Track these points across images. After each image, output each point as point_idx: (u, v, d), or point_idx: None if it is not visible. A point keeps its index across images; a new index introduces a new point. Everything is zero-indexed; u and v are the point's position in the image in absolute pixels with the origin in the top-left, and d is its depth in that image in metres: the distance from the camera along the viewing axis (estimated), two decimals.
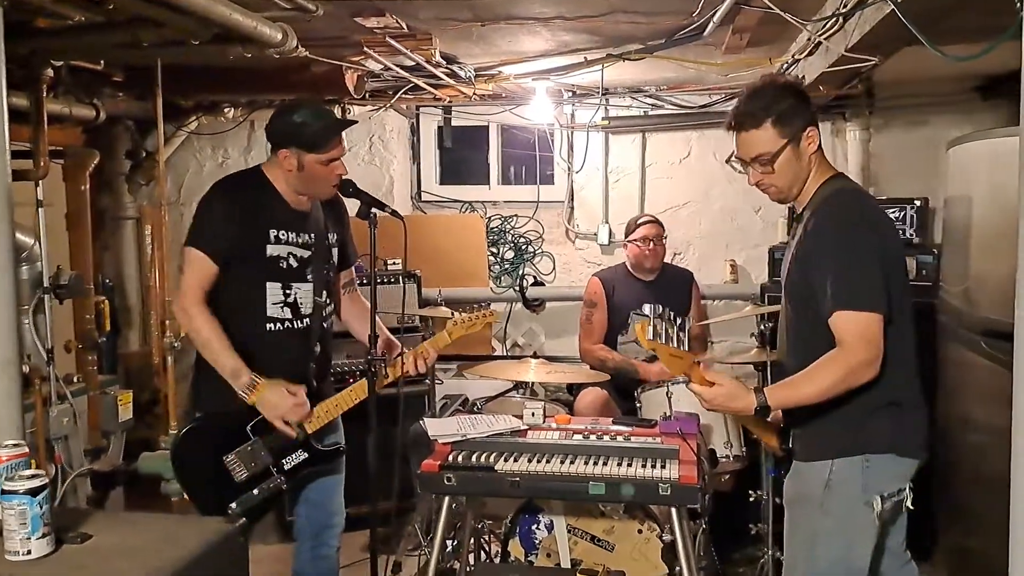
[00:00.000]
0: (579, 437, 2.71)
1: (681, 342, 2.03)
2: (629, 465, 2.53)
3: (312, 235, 2.53)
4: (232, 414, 2.39)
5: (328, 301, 2.60)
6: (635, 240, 3.94)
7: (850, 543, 2.08)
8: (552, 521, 2.97)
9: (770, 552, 3.16)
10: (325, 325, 2.60)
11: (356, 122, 2.64)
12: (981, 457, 2.50)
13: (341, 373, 4.07)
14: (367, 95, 4.44)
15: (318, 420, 2.50)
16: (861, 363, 1.95)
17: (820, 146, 2.11)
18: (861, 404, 2.02)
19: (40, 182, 3.28)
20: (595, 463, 2.55)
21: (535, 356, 3.28)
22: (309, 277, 2.53)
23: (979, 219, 2.46)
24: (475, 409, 3.42)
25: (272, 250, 2.44)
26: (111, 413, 3.47)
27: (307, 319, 2.53)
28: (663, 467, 2.51)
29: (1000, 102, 4.02)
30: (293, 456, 2.47)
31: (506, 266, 4.98)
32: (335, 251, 2.65)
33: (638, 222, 4.01)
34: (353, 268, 2.81)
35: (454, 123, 5.06)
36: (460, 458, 2.63)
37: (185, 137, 5.05)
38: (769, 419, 2.15)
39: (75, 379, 3.38)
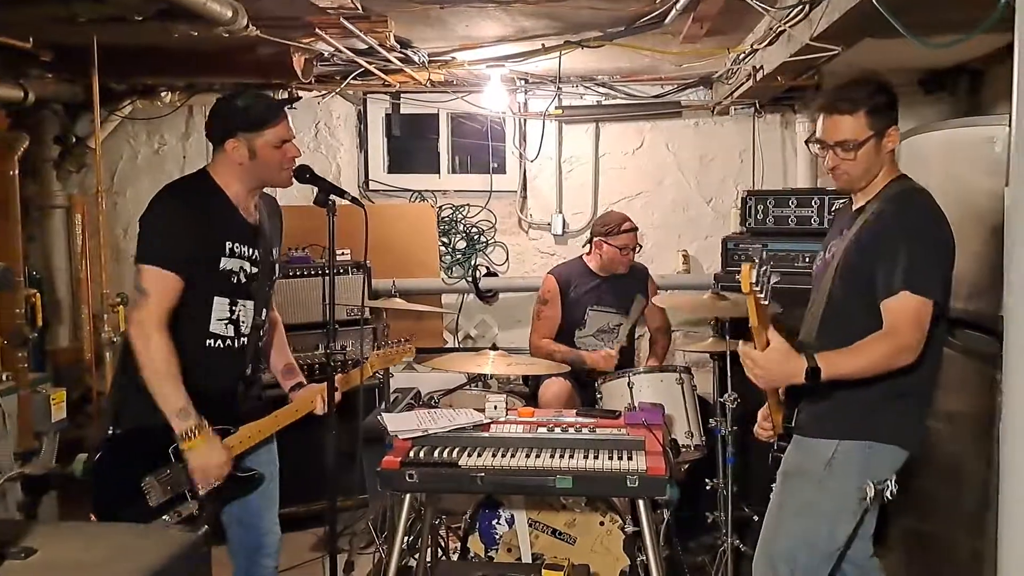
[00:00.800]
0: (543, 430, 2.66)
1: (769, 298, 1.99)
2: (596, 457, 2.50)
3: (260, 251, 2.39)
4: (154, 432, 2.23)
5: (265, 321, 2.47)
6: (616, 246, 3.84)
7: (835, 522, 2.17)
8: (513, 515, 2.92)
9: (729, 540, 3.17)
10: (258, 345, 2.47)
11: (300, 98, 2.49)
12: (936, 443, 2.55)
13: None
14: (314, 80, 4.30)
15: (240, 445, 2.36)
16: (908, 346, 2.01)
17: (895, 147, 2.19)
18: (876, 390, 2.08)
19: None
20: (561, 456, 2.51)
21: (494, 348, 3.21)
22: (253, 295, 2.39)
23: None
24: (432, 403, 3.35)
25: (226, 263, 2.29)
26: (43, 413, 3.27)
27: (245, 338, 2.39)
28: (630, 459, 2.48)
29: (942, 95, 4.11)
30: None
31: (458, 256, 4.90)
32: (278, 267, 2.52)
33: (622, 227, 3.85)
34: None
35: (403, 111, 4.94)
36: (422, 454, 2.55)
37: (119, 122, 4.82)
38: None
39: (3, 377, 3.17)
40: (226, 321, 2.32)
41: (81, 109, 4.69)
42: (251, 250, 2.35)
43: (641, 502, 2.45)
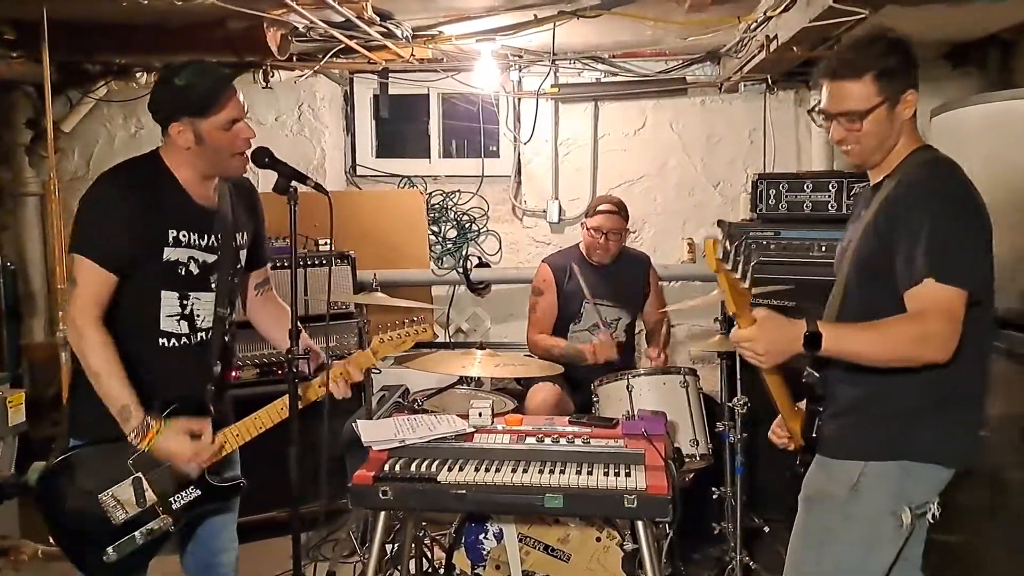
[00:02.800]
0: (532, 440, 2.41)
1: (745, 277, 1.75)
2: (590, 473, 2.25)
3: (218, 236, 2.16)
4: (112, 443, 2.02)
5: (231, 312, 2.25)
6: (589, 227, 3.59)
7: (868, 553, 1.89)
8: (501, 530, 2.69)
9: (738, 556, 2.92)
10: (226, 339, 2.25)
11: (247, 70, 2.21)
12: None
13: (268, 364, 3.72)
14: (294, 57, 4.03)
15: (236, 439, 2.15)
16: (935, 334, 1.72)
17: (915, 113, 1.89)
18: (910, 398, 1.82)
19: None
20: (551, 471, 2.26)
21: (481, 347, 2.95)
22: (212, 286, 2.16)
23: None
24: (416, 406, 3.09)
25: (170, 254, 2.07)
26: None
27: (205, 333, 2.17)
28: (628, 475, 2.23)
29: (970, 69, 3.83)
30: (184, 494, 2.10)
31: (448, 246, 4.64)
32: (243, 253, 2.28)
33: (598, 207, 3.59)
34: (268, 266, 2.45)
35: (391, 91, 4.65)
36: (398, 467, 2.32)
37: (93, 104, 4.58)
38: (798, 406, 2.00)
39: None
40: (177, 317, 2.11)
41: (55, 91, 4.44)
42: (206, 238, 2.12)
43: (641, 523, 2.21)
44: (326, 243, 4.03)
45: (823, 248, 3.54)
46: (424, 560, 3.14)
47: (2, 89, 4.27)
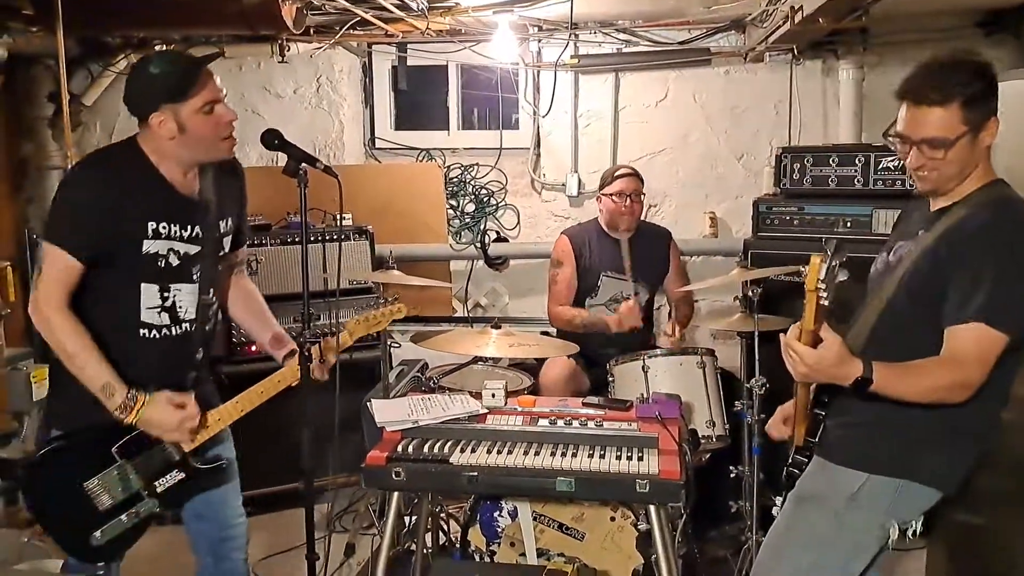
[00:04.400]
0: (545, 423, 2.41)
1: (830, 294, 1.70)
2: (602, 456, 2.25)
3: (201, 227, 2.13)
4: (95, 432, 2.04)
5: (214, 299, 2.23)
6: (610, 194, 3.56)
7: (851, 559, 1.93)
8: (516, 508, 2.69)
9: (754, 536, 2.90)
10: (207, 328, 2.24)
11: (220, 54, 2.18)
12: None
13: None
14: (311, 30, 3.99)
15: (218, 424, 2.16)
16: (970, 383, 1.75)
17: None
18: (925, 422, 1.82)
19: None
20: (563, 454, 2.26)
21: (496, 326, 2.92)
22: (195, 276, 2.15)
23: (1010, 170, 2.13)
24: (432, 384, 3.10)
25: (149, 246, 2.04)
26: (23, 391, 3.08)
27: (189, 324, 2.16)
28: (640, 459, 2.22)
29: (1005, 37, 3.69)
30: (168, 477, 2.12)
31: (466, 220, 4.60)
32: (227, 240, 2.26)
33: (615, 174, 3.62)
34: (244, 248, 2.41)
35: (410, 63, 4.62)
36: (411, 448, 2.32)
37: (114, 78, 4.56)
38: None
39: None
40: (158, 309, 2.10)
41: (75, 65, 4.46)
42: (188, 228, 2.10)
43: (653, 507, 2.20)
44: (345, 218, 4.02)
45: (848, 224, 3.46)
46: (441, 533, 3.16)
47: (23, 63, 4.27)
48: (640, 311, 3.37)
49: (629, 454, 2.25)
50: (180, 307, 2.12)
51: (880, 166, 3.41)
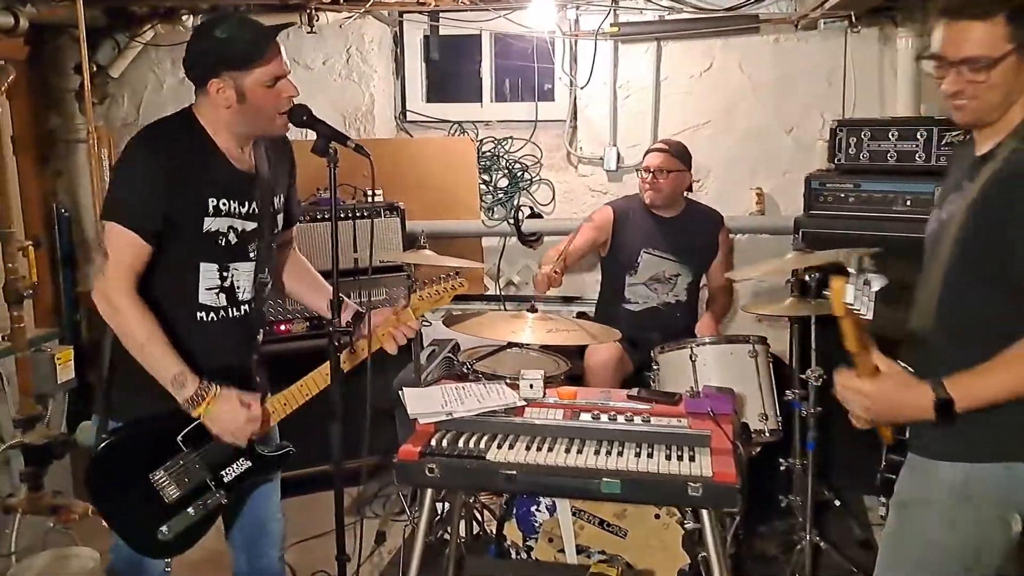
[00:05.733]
0: (587, 417, 2.26)
1: (870, 309, 1.52)
2: (650, 456, 2.10)
3: (258, 203, 2.03)
4: (158, 421, 1.94)
5: (269, 278, 2.14)
6: (638, 169, 3.46)
7: (974, 561, 1.69)
8: (554, 502, 2.57)
9: (808, 536, 2.75)
10: (264, 309, 2.16)
11: (293, 23, 2.06)
12: None
13: (318, 317, 3.62)
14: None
15: (284, 408, 2.08)
16: None
17: None
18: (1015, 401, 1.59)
19: None
20: (608, 452, 2.12)
21: (532, 309, 2.78)
22: (251, 255, 2.05)
23: None
24: (465, 369, 2.97)
25: (210, 224, 1.95)
26: (47, 374, 3.00)
27: (247, 305, 2.07)
28: (692, 459, 2.07)
29: None
30: (235, 466, 2.04)
31: (499, 195, 4.44)
32: (281, 217, 2.17)
33: (649, 148, 3.52)
34: (295, 226, 2.32)
35: (442, 32, 4.43)
36: (445, 442, 2.20)
37: (141, 49, 4.47)
38: None
39: (0, 338, 2.90)
40: (216, 290, 2.00)
41: (101, 35, 4.35)
42: (245, 204, 2.00)
43: (705, 511, 2.06)
44: (376, 193, 3.90)
45: (907, 202, 3.26)
46: (475, 524, 3.06)
47: (49, 34, 4.18)
48: (547, 281, 3.12)
49: (679, 453, 2.10)
50: (239, 287, 2.03)
51: (944, 140, 3.20)
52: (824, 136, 3.77)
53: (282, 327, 3.68)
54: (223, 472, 2.03)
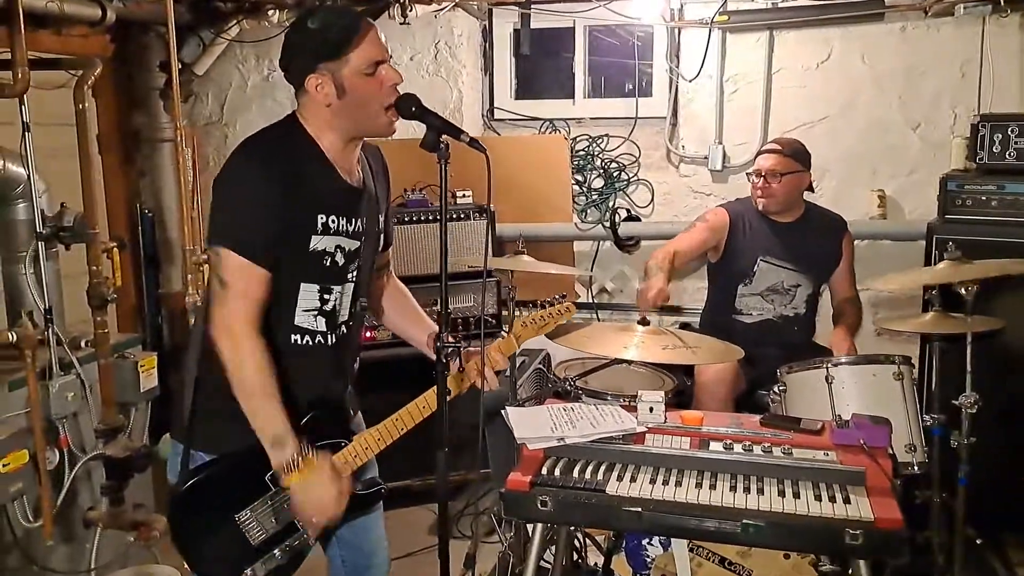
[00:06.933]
0: (718, 447, 2.00)
1: None
2: (796, 495, 1.83)
3: (364, 220, 1.86)
4: (245, 458, 1.78)
5: (366, 304, 1.97)
6: (750, 172, 3.20)
7: None
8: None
9: None
10: (359, 337, 2.01)
11: (389, 4, 1.87)
12: None
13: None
14: None
15: (357, 460, 1.87)
16: None
17: None
18: None
19: (26, 99, 2.62)
20: (746, 489, 1.86)
21: (644, 322, 2.52)
22: (351, 276, 1.87)
23: None
24: (569, 387, 2.74)
25: (317, 243, 1.78)
26: (129, 382, 2.88)
27: (343, 329, 1.89)
28: (846, 500, 1.80)
29: None
30: None
31: (594, 197, 4.20)
32: (383, 236, 2.00)
33: (760, 149, 3.28)
34: (391, 248, 2.13)
35: (533, 25, 4.22)
36: (558, 471, 1.97)
37: (226, 45, 4.39)
38: None
39: (83, 343, 2.79)
40: (314, 312, 1.83)
41: (187, 32, 4.29)
42: (352, 222, 1.83)
43: (863, 561, 1.78)
44: (465, 194, 3.72)
45: None
46: (576, 555, 2.82)
47: (135, 31, 4.13)
48: (652, 299, 2.82)
49: (831, 493, 1.83)
50: (339, 312, 1.87)
51: None
52: (958, 132, 3.41)
53: (367, 333, 3.52)
54: None
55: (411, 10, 3.70)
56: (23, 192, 2.77)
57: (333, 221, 1.78)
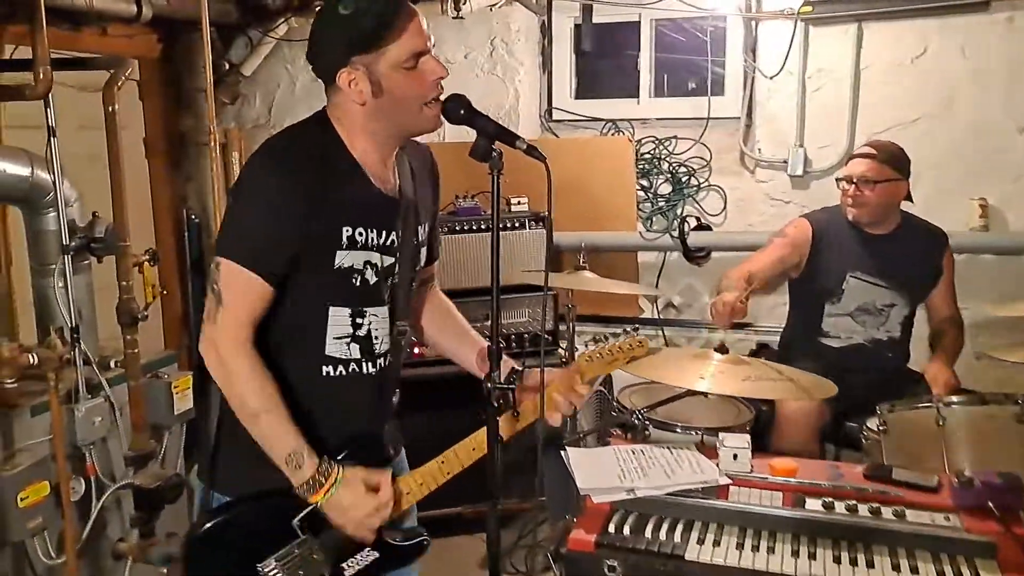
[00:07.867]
0: (815, 504, 1.73)
1: None
2: (914, 570, 1.54)
3: (400, 233, 1.63)
4: (271, 501, 1.58)
5: (406, 326, 1.74)
6: (839, 178, 2.89)
7: None
8: None
9: None
10: (401, 364, 1.76)
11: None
12: None
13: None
14: None
15: (398, 506, 1.65)
16: None
17: None
18: None
19: (52, 101, 2.45)
20: (852, 560, 1.58)
21: (722, 349, 2.24)
22: (386, 296, 1.64)
23: None
24: (636, 422, 2.46)
25: (343, 259, 1.56)
26: (162, 403, 2.70)
27: (383, 358, 1.67)
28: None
29: None
30: (359, 558, 1.65)
31: (660, 203, 3.92)
32: (424, 251, 1.75)
33: (852, 153, 2.95)
34: (437, 262, 1.89)
35: (595, 20, 3.97)
36: (627, 530, 1.73)
37: (274, 45, 4.23)
38: None
39: (112, 364, 2.62)
40: (347, 339, 1.61)
41: (234, 31, 4.15)
42: (384, 235, 1.61)
43: None
44: (520, 202, 3.48)
45: None
46: None
47: (182, 30, 3.99)
48: (729, 312, 2.48)
49: (956, 567, 1.54)
50: (376, 338, 1.64)
51: None
52: None
53: (415, 350, 3.32)
54: (345, 564, 1.64)
55: (465, 4, 3.47)
56: (53, 200, 2.61)
57: (361, 234, 1.56)
